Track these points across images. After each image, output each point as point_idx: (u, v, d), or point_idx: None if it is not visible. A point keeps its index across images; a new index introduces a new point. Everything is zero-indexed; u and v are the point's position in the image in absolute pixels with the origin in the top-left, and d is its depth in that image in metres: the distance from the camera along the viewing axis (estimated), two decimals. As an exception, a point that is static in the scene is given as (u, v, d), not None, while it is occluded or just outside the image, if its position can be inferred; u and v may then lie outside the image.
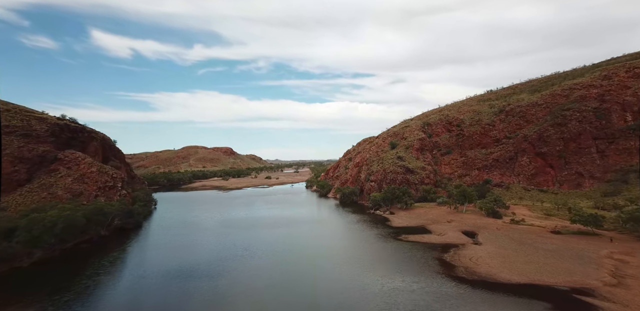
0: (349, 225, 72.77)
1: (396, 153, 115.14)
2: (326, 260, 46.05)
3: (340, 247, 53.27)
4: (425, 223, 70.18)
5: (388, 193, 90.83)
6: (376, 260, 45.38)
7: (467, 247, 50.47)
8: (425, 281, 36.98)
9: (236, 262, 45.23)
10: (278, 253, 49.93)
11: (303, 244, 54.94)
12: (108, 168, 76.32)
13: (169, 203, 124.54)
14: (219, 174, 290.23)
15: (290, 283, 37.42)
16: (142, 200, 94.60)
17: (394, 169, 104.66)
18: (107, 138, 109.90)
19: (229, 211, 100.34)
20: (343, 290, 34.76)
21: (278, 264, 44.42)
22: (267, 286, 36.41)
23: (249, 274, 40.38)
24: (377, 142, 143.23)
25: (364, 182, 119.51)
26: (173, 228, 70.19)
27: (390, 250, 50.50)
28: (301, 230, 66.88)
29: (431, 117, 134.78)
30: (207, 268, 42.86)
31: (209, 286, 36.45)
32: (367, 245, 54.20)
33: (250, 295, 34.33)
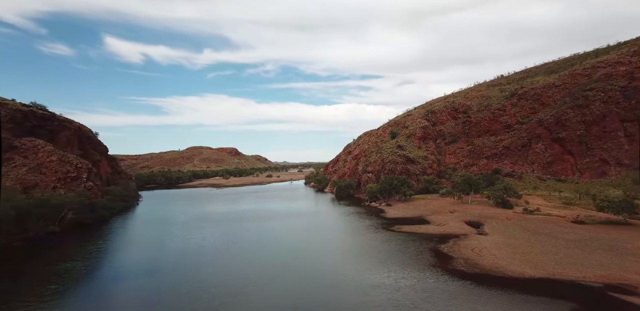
0: (339, 217, 65.70)
1: (396, 142, 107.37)
2: (301, 253, 39.22)
3: (322, 239, 46.30)
4: (424, 213, 62.50)
5: (385, 184, 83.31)
6: (360, 252, 38.32)
7: (470, 237, 42.79)
8: (414, 275, 29.79)
9: (192, 258, 38.81)
10: (247, 247, 43.36)
11: (280, 237, 48.23)
12: (72, 158, 71.30)
13: (155, 200, 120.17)
14: (220, 173, 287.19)
15: (247, 278, 30.68)
16: (119, 194, 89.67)
17: (393, 159, 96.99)
18: (86, 129, 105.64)
19: (211, 206, 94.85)
20: (311, 287, 27.88)
21: (238, 259, 37.78)
22: (214, 286, 29.76)
23: (199, 271, 33.86)
24: (377, 132, 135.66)
25: (361, 174, 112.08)
26: (142, 223, 64.88)
27: (378, 241, 43.30)
28: (284, 223, 60.23)
29: (435, 105, 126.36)
30: (153, 264, 36.55)
31: (138, 287, 30.07)
32: (353, 237, 47.22)
33: (181, 292, 27.77)
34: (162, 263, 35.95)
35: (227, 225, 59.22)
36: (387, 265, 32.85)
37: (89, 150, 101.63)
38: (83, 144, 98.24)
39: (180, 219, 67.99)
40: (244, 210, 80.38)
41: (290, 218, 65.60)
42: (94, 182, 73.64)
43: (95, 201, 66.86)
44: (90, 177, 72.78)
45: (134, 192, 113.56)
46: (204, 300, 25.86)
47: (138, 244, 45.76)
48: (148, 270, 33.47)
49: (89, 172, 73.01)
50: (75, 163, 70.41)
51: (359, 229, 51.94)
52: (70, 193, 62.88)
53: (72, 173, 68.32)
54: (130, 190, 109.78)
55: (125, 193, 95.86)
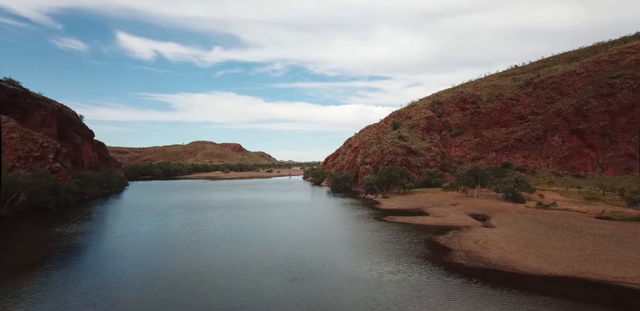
0: (330, 207, 59.43)
1: (398, 132, 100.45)
2: (278, 241, 33.17)
3: (306, 228, 40.22)
4: (424, 206, 55.73)
5: (383, 175, 76.63)
6: (343, 242, 32.25)
7: (473, 229, 36.07)
8: (402, 269, 23.56)
9: (136, 247, 33.07)
10: (210, 235, 37.56)
11: (260, 225, 42.26)
12: (38, 136, 66.47)
13: (142, 189, 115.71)
14: (221, 168, 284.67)
15: (196, 273, 24.75)
16: (97, 180, 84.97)
17: (394, 149, 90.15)
18: (68, 110, 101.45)
19: (195, 195, 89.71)
20: (272, 281, 21.79)
21: (194, 248, 31.93)
22: (155, 278, 23.91)
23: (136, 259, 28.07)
24: (379, 124, 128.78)
25: (359, 166, 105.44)
26: (109, 210, 59.89)
27: (366, 231, 37.03)
28: (269, 212, 54.38)
29: (442, 95, 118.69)
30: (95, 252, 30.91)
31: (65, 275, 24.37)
32: (339, 226, 41.06)
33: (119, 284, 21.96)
34: (103, 250, 30.32)
35: (200, 213, 53.52)
36: (371, 256, 26.59)
37: (70, 133, 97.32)
38: (63, 126, 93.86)
39: (153, 207, 62.66)
40: (227, 200, 74.74)
41: (276, 208, 59.66)
42: (62, 163, 68.75)
43: (59, 184, 61.82)
44: (57, 158, 67.88)
45: (118, 179, 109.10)
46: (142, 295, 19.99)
47: (89, 231, 40.28)
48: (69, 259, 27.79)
49: (56, 152, 68.12)
50: (40, 142, 65.56)
51: (347, 219, 45.66)
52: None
53: (36, 152, 63.45)
54: (114, 177, 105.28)
55: (105, 180, 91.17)
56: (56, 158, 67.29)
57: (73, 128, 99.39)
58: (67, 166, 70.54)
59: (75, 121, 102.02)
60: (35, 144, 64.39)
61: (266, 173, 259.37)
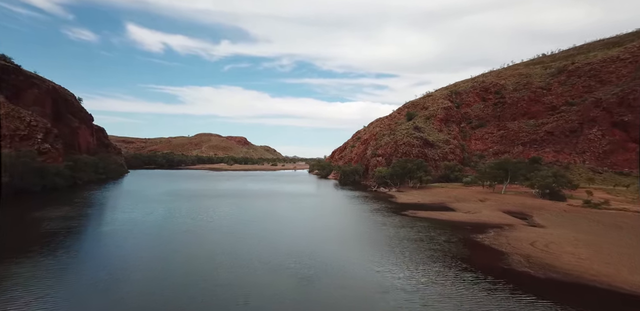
0: (341, 199, 53.33)
1: (413, 123, 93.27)
2: (286, 235, 27.48)
3: (317, 220, 34.44)
4: (446, 201, 49.17)
5: (397, 168, 70.09)
6: (365, 238, 26.34)
7: (519, 229, 29.56)
8: (451, 278, 17.39)
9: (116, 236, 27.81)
10: (202, 225, 32.17)
11: (265, 216, 36.57)
12: (25, 114, 61.96)
13: (142, 176, 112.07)
14: (225, 160, 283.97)
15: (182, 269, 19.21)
16: (92, 164, 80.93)
17: (409, 141, 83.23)
18: (65, 92, 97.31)
19: (195, 184, 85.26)
20: (288, 284, 16.06)
21: (181, 240, 26.52)
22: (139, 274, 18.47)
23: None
24: (392, 115, 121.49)
25: (369, 158, 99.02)
26: (99, 195, 55.46)
27: (389, 226, 30.84)
28: (275, 203, 48.86)
29: (461, 86, 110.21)
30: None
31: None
32: (355, 219, 35.01)
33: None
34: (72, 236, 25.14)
35: (195, 201, 48.30)
36: (403, 258, 20.58)
37: (66, 115, 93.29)
38: (59, 107, 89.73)
39: (146, 193, 57.91)
40: (227, 189, 69.65)
41: (281, 199, 54.09)
42: (52, 144, 64.34)
43: (47, 166, 57.41)
44: (47, 139, 63.45)
45: (116, 166, 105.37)
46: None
47: (71, 217, 35.35)
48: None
49: (46, 132, 63.67)
50: (28, 120, 61.09)
51: (362, 212, 39.54)
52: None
53: (23, 131, 58.99)
54: (111, 162, 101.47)
55: (101, 165, 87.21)
56: (45, 139, 62.86)
57: (70, 111, 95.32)
58: (58, 148, 66.15)
59: (72, 103, 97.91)
60: (22, 122, 59.95)
61: (271, 166, 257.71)
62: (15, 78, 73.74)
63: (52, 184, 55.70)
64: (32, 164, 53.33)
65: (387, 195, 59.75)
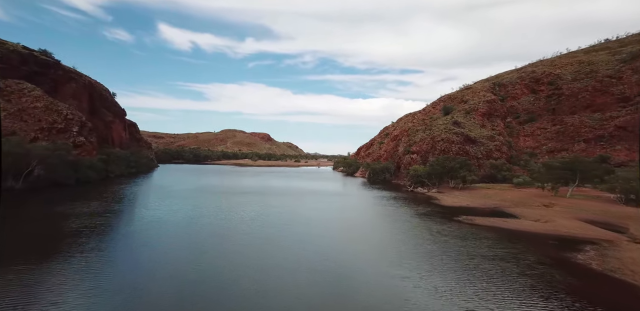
0: (375, 200, 48.62)
1: (451, 118, 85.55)
2: (321, 241, 23.77)
3: (354, 224, 30.39)
4: (502, 205, 42.75)
5: (437, 166, 63.82)
6: (422, 253, 21.18)
7: (624, 246, 23.21)
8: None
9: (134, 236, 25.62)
10: (230, 226, 29.36)
11: (296, 217, 33.19)
12: (62, 107, 63.28)
13: (171, 171, 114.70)
14: (250, 156, 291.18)
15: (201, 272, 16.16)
16: (124, 158, 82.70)
17: (447, 137, 76.13)
18: (100, 86, 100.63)
19: (225, 180, 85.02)
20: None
21: (209, 241, 23.71)
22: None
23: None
24: (425, 109, 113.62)
25: (401, 155, 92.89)
26: (133, 190, 55.47)
27: (448, 237, 25.61)
28: (303, 201, 45.50)
29: (505, 77, 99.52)
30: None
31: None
32: (403, 226, 29.91)
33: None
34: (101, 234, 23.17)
35: (225, 199, 46.11)
36: (490, 287, 15.64)
37: (101, 109, 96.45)
38: (94, 102, 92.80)
39: (175, 189, 57.08)
40: (255, 186, 67.59)
41: (310, 197, 50.67)
42: (87, 138, 65.58)
43: (81, 159, 58.25)
44: (82, 132, 64.70)
45: (147, 160, 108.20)
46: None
47: (107, 212, 34.21)
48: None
49: (81, 125, 64.93)
50: (65, 114, 62.42)
51: (408, 216, 34.56)
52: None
53: (60, 124, 60.28)
54: (143, 157, 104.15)
55: (132, 159, 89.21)
56: (80, 132, 64.13)
57: (104, 105, 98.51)
58: (92, 141, 67.48)
59: (107, 98, 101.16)
60: (59, 115, 61.33)
61: (294, 162, 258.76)
62: (54, 72, 76.32)
63: (85, 177, 56.37)
64: (68, 157, 54.02)
65: (427, 197, 54.03)
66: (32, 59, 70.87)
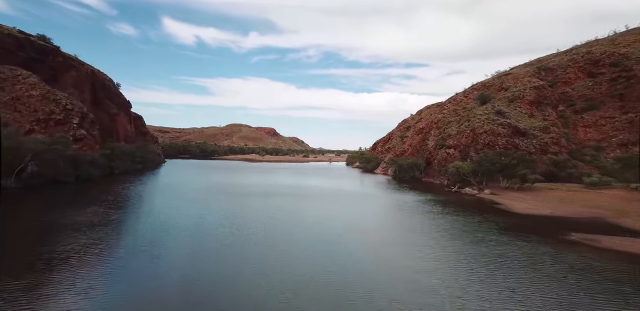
0: (417, 205, 41.18)
1: (492, 107, 76.70)
2: (365, 270, 16.84)
3: (407, 244, 23.20)
4: (600, 213, 34.54)
5: (485, 162, 55.80)
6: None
7: None
8: None
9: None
10: (260, 238, 22.74)
11: (336, 232, 26.33)
12: (61, 96, 57.47)
13: (179, 166, 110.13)
14: (257, 151, 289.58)
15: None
16: (129, 153, 77.41)
17: (492, 129, 67.63)
18: (103, 76, 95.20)
19: (236, 177, 79.15)
20: None
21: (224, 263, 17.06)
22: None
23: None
24: (456, 98, 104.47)
25: (432, 150, 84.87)
26: (139, 190, 49.72)
27: (596, 281, 16.78)
28: (330, 207, 38.58)
29: (551, 60, 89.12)
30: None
31: None
32: (487, 254, 21.21)
33: None
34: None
35: (242, 201, 39.71)
36: None
37: (104, 101, 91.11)
38: (97, 92, 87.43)
39: (184, 188, 51.10)
40: (271, 184, 61.14)
41: (339, 200, 43.84)
42: (88, 131, 60.00)
43: (81, 154, 52.67)
44: (83, 124, 59.08)
45: (153, 155, 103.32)
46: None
47: (108, 218, 28.13)
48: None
49: (82, 117, 59.26)
50: (64, 104, 56.72)
51: (481, 233, 26.83)
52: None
53: (58, 115, 54.64)
54: (149, 152, 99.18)
55: (138, 154, 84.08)
56: (81, 124, 58.51)
57: (108, 96, 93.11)
58: (94, 134, 61.90)
59: (110, 88, 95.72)
60: (57, 105, 55.67)
61: (302, 158, 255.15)
62: (53, 59, 70.70)
63: (86, 174, 50.87)
64: (66, 152, 48.43)
65: (482, 200, 46.25)
66: (29, 44, 65.21)
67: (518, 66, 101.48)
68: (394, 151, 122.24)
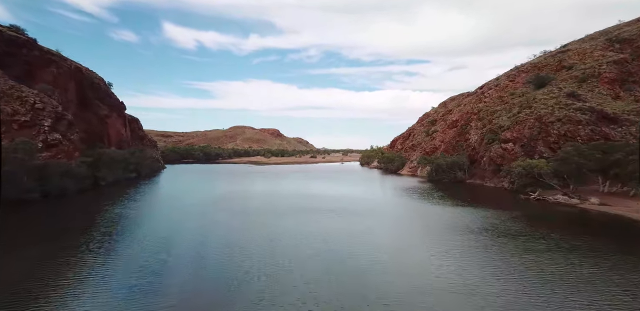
0: (507, 226, 28.94)
1: (559, 89, 63.84)
2: None
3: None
4: None
5: (573, 157, 43.04)
6: None
7: None
8: None
9: None
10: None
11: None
12: (28, 93, 46.93)
13: (181, 173, 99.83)
14: (262, 153, 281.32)
15: None
16: (122, 160, 66.96)
17: (567, 115, 54.93)
18: (91, 74, 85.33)
19: (245, 185, 67.79)
20: None
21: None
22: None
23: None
24: (497, 83, 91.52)
25: (477, 146, 72.40)
26: (112, 212, 38.52)
27: None
28: (391, 230, 26.78)
29: (624, 30, 75.23)
30: None
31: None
32: None
33: None
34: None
35: (256, 223, 28.21)
36: None
37: (93, 101, 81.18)
38: (84, 92, 77.35)
39: (185, 203, 39.98)
40: (290, 195, 49.61)
41: (381, 215, 32.09)
42: (65, 135, 49.36)
43: (51, 163, 41.96)
44: (58, 127, 48.42)
45: (151, 161, 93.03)
46: None
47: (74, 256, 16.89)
48: None
49: (56, 118, 48.65)
50: (32, 102, 46.15)
51: None
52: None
53: (24, 116, 44.11)
54: (145, 157, 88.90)
55: (132, 160, 73.75)
56: (55, 127, 47.88)
57: (98, 96, 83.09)
58: (73, 139, 51.18)
59: (100, 87, 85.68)
60: (23, 104, 45.17)
61: (310, 158, 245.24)
62: (28, 53, 60.59)
63: (57, 188, 40.14)
64: (30, 161, 37.79)
65: (601, 215, 33.79)
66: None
67: (578, 40, 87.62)
68: (422, 148, 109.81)
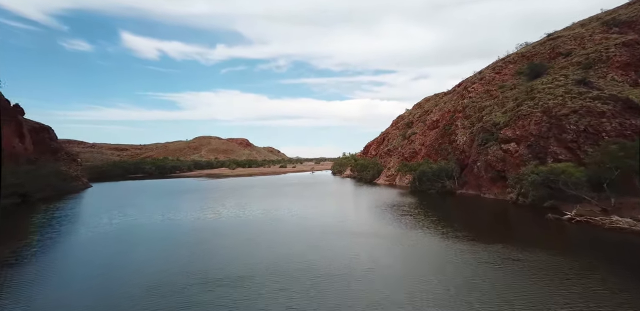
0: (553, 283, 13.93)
1: (564, 77, 52.98)
2: None
3: None
4: None
5: (620, 158, 30.02)
6: None
7: None
8: None
9: None
10: None
11: None
12: None
13: (104, 194, 77.12)
14: (227, 164, 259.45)
15: None
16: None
17: (586, 106, 43.19)
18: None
19: (171, 211, 48.16)
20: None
21: None
22: None
23: None
24: (481, 77, 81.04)
25: (467, 148, 59.70)
26: None
27: None
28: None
29: (621, 13, 67.65)
30: None
31: None
32: None
33: None
34: None
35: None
36: None
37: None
38: None
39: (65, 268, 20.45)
40: (235, 222, 31.64)
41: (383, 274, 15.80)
42: None
43: None
44: None
45: (58, 180, 70.44)
46: None
47: None
48: None
49: None
50: None
51: None
52: None
53: None
54: (50, 175, 66.85)
55: (17, 182, 52.05)
56: None
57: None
58: None
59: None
60: None
61: (279, 168, 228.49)
62: None
63: None
64: None
65: None
66: None
67: (572, 25, 79.57)
68: (400, 153, 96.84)
